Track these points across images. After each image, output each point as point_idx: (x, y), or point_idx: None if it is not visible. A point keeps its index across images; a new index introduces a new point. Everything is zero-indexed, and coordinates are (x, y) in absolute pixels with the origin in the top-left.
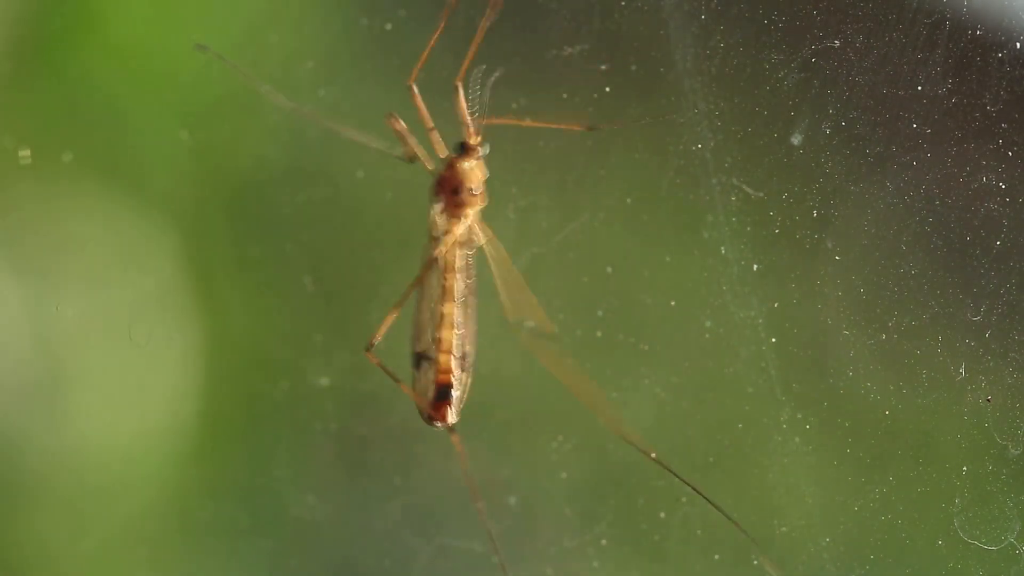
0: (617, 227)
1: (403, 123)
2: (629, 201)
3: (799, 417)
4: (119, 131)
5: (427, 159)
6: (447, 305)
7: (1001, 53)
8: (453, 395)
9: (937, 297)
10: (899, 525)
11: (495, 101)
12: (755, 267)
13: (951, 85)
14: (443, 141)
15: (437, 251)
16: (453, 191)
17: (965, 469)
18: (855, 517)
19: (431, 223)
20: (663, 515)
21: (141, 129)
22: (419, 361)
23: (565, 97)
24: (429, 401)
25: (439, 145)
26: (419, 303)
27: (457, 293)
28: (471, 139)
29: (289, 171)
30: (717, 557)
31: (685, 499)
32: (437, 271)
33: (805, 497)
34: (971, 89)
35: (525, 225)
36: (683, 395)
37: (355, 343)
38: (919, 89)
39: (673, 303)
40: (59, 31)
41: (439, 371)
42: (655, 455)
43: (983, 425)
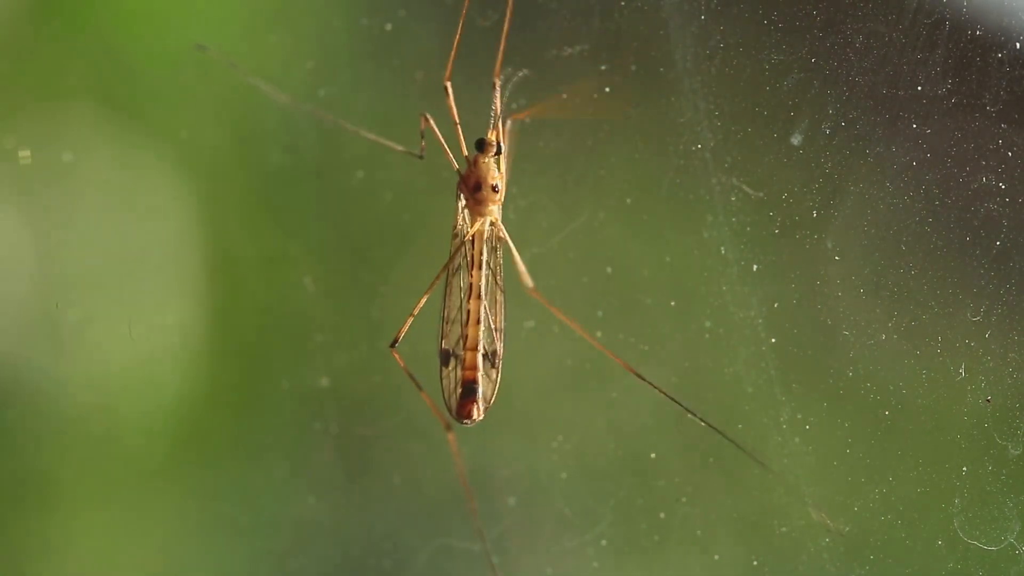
0: (617, 227)
1: (433, 123)
2: (629, 201)
3: (799, 417)
4: (119, 131)
5: (453, 159)
6: (473, 301)
7: (1001, 53)
8: (479, 392)
9: (937, 297)
10: (899, 525)
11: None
12: (755, 267)
13: (951, 85)
14: (466, 140)
15: (462, 248)
16: (475, 188)
17: (965, 469)
18: (855, 517)
19: (456, 220)
20: (663, 515)
21: (141, 129)
22: (446, 358)
23: (565, 97)
24: (456, 399)
25: (463, 144)
26: (445, 300)
27: (483, 289)
28: (489, 135)
29: (288, 171)
30: (717, 557)
31: (685, 499)
32: (463, 268)
33: (805, 497)
34: (971, 89)
35: (525, 225)
36: (683, 395)
37: (355, 343)
38: (919, 89)
39: (673, 303)
40: (58, 31)
41: (466, 368)
42: (685, 404)
43: (983, 425)
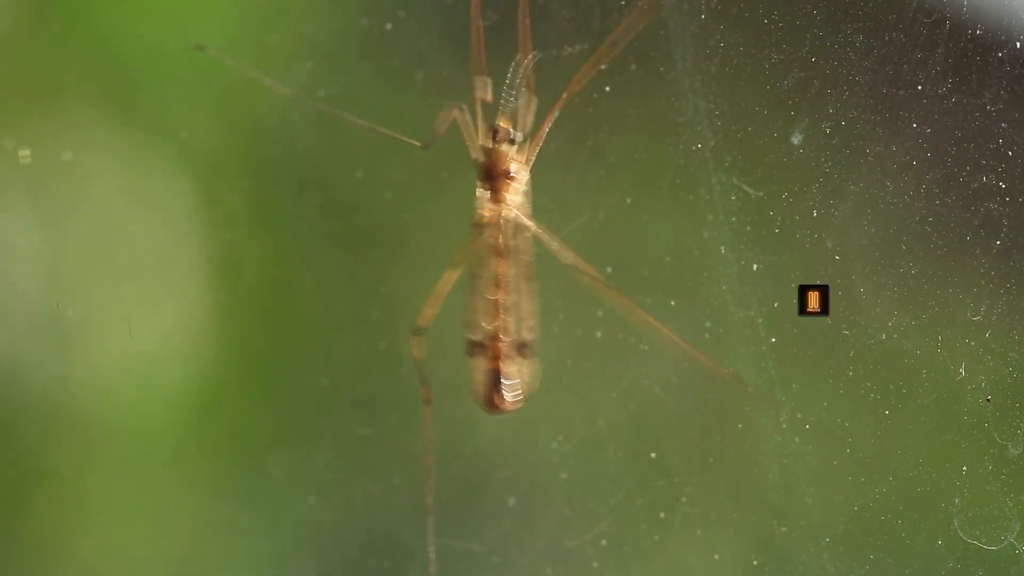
0: (617, 227)
1: (468, 115)
2: (629, 201)
3: (799, 417)
4: (118, 131)
5: (472, 149)
6: (499, 292)
7: (1001, 53)
8: (506, 382)
9: (937, 297)
10: (899, 525)
11: (496, 100)
12: (755, 267)
13: (951, 85)
14: (481, 129)
15: (485, 237)
16: (491, 176)
17: (965, 469)
18: (855, 517)
19: (478, 211)
20: (663, 515)
21: (140, 129)
22: (473, 349)
23: (565, 97)
24: (484, 389)
25: (482, 134)
26: (472, 291)
27: (508, 279)
28: (501, 123)
29: (288, 171)
30: (717, 557)
31: (685, 499)
32: (487, 258)
33: (805, 497)
34: (971, 89)
35: None
36: (683, 395)
37: (355, 343)
38: (919, 89)
39: (673, 303)
40: (57, 31)
41: (492, 358)
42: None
43: (983, 425)
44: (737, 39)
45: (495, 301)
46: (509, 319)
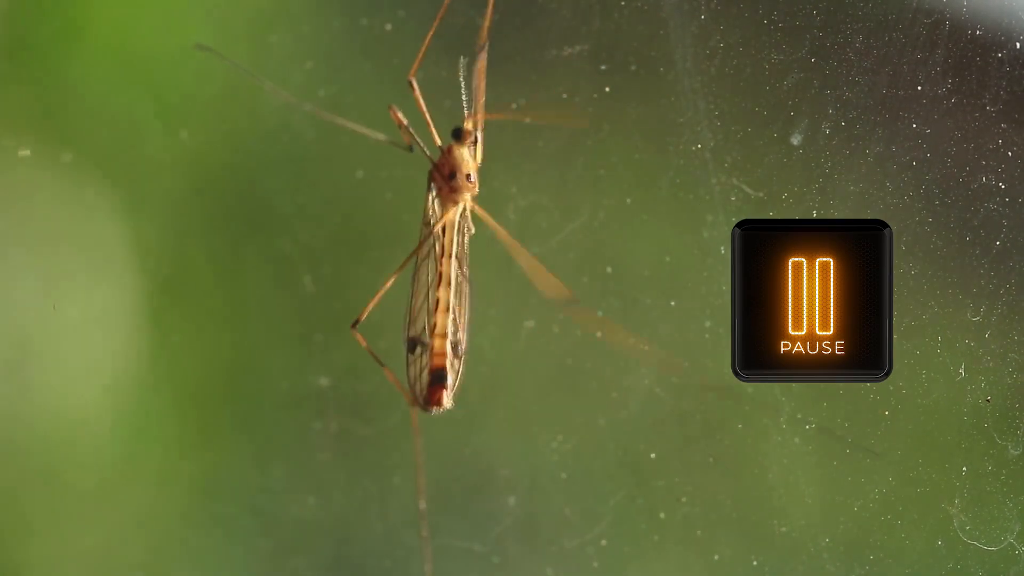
0: (617, 227)
1: (402, 115)
2: (629, 201)
3: (799, 417)
4: (118, 131)
5: (426, 148)
6: (442, 290)
7: (1001, 53)
8: (447, 380)
9: (937, 297)
10: (899, 525)
11: (494, 99)
12: None
13: (951, 85)
14: (440, 133)
15: (432, 237)
16: (448, 177)
17: (965, 469)
18: (855, 517)
19: (426, 209)
20: (663, 515)
21: (140, 129)
22: (413, 346)
23: (565, 97)
24: (424, 386)
25: (437, 135)
26: (414, 288)
27: (452, 278)
28: (466, 124)
29: (289, 172)
30: (717, 557)
31: (685, 499)
32: (432, 256)
33: (805, 497)
34: (971, 89)
35: (525, 225)
36: (683, 395)
37: (355, 343)
38: (919, 89)
39: (673, 303)
40: (57, 32)
41: (433, 355)
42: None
43: (983, 425)
44: (737, 39)
45: (438, 299)
46: (449, 318)
